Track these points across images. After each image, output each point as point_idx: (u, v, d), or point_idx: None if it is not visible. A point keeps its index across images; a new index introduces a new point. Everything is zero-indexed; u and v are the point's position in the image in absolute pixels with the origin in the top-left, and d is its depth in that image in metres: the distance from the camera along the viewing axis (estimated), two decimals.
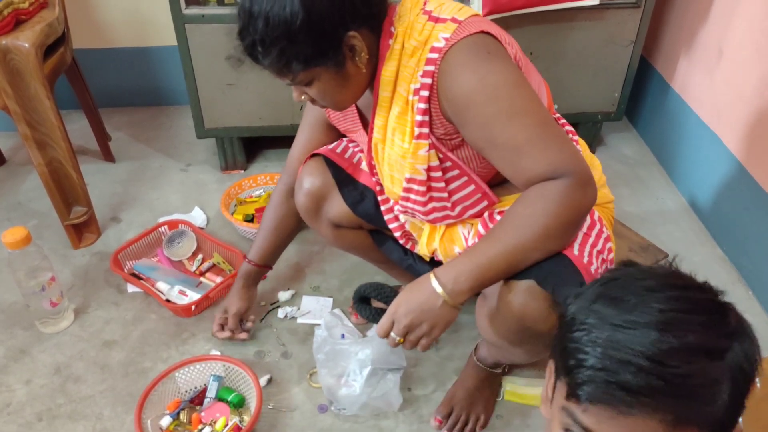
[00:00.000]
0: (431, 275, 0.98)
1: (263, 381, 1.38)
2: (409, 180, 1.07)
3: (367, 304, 1.43)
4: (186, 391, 1.34)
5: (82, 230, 1.77)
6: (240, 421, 1.28)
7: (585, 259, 1.01)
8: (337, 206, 1.29)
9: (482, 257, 0.96)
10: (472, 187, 1.09)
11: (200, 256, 1.72)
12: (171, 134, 2.32)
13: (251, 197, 1.92)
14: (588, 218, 1.06)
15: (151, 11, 2.25)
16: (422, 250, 1.24)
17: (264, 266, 1.46)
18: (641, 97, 2.30)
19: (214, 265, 1.70)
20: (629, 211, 1.91)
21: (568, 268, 0.98)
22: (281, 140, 2.22)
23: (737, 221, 1.71)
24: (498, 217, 1.10)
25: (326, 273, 1.69)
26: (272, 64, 0.97)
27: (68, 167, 1.65)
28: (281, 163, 2.13)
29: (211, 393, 1.31)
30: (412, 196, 1.09)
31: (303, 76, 0.98)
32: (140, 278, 1.63)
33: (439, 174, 1.06)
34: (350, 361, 1.32)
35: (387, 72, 1.01)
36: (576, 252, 1.00)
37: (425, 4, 1.01)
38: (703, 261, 1.74)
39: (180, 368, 1.33)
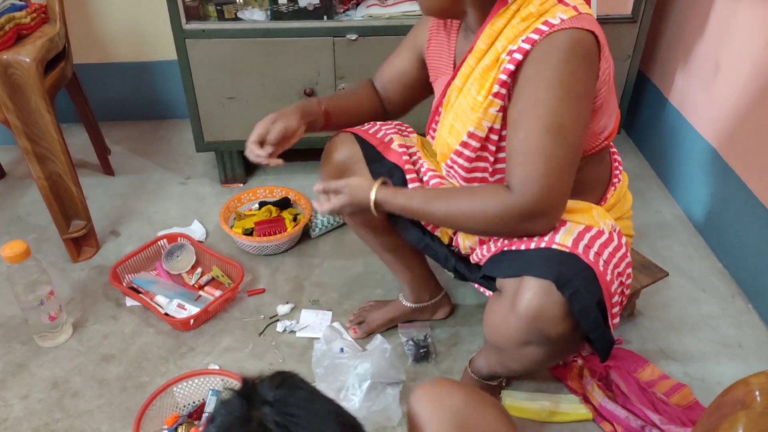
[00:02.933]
0: (374, 188, 1.13)
1: None
2: (471, 135, 1.09)
3: None
4: (184, 406, 1.33)
5: (81, 244, 1.77)
6: None
7: (608, 277, 1.01)
8: (359, 179, 1.25)
9: (413, 206, 1.10)
10: None
11: (199, 270, 1.72)
12: (170, 148, 2.33)
13: (250, 210, 1.92)
14: (616, 240, 1.06)
15: (151, 26, 2.27)
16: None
17: (326, 114, 1.30)
18: (639, 111, 2.31)
19: (213, 279, 1.70)
20: None
21: (589, 281, 0.99)
22: (280, 154, 2.22)
23: (736, 234, 1.71)
24: None
25: (325, 286, 1.69)
26: None
27: (68, 181, 1.65)
28: (280, 177, 2.15)
29: (210, 407, 1.31)
30: (466, 152, 1.12)
31: None
32: (139, 292, 1.62)
33: (495, 137, 1.09)
34: (349, 375, 1.32)
35: (494, 26, 1.04)
36: (602, 268, 1.01)
37: None
38: (702, 274, 1.74)
39: (178, 383, 1.33)
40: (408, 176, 1.24)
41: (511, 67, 1.01)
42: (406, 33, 1.28)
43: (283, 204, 1.91)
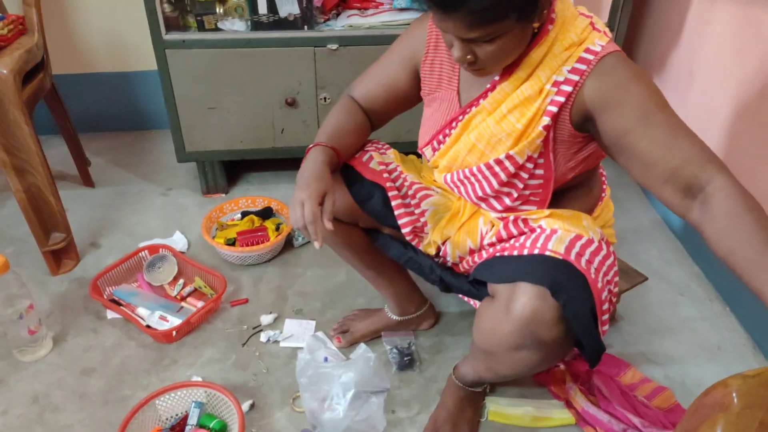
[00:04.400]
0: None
1: (245, 406, 1.37)
2: (509, 157, 1.08)
3: None
4: (167, 419, 1.32)
5: (61, 257, 1.75)
6: None
7: (599, 284, 1.03)
8: (337, 199, 1.22)
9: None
10: (540, 191, 1.13)
11: (181, 281, 1.71)
12: (151, 159, 2.32)
13: (233, 221, 1.92)
14: (605, 248, 1.09)
15: (131, 36, 2.26)
16: (434, 237, 1.25)
17: (339, 156, 1.21)
18: None
19: (195, 290, 1.69)
20: None
21: (582, 289, 1.01)
22: (262, 163, 2.23)
23: None
24: (520, 224, 1.15)
25: (308, 296, 1.69)
26: (483, 11, 0.90)
27: (47, 193, 1.64)
28: (262, 187, 2.15)
29: (193, 420, 1.30)
30: (497, 169, 1.11)
31: (499, 28, 0.93)
32: (120, 304, 1.61)
33: (531, 166, 1.10)
34: (333, 385, 1.32)
35: (536, 54, 1.02)
36: (593, 276, 1.03)
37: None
38: (680, 278, 1.76)
39: (161, 395, 1.31)
40: (390, 193, 1.23)
41: (561, 99, 1.02)
42: (386, 42, 1.26)
43: (266, 214, 1.91)
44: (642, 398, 1.38)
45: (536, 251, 1.05)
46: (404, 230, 1.24)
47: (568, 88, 1.01)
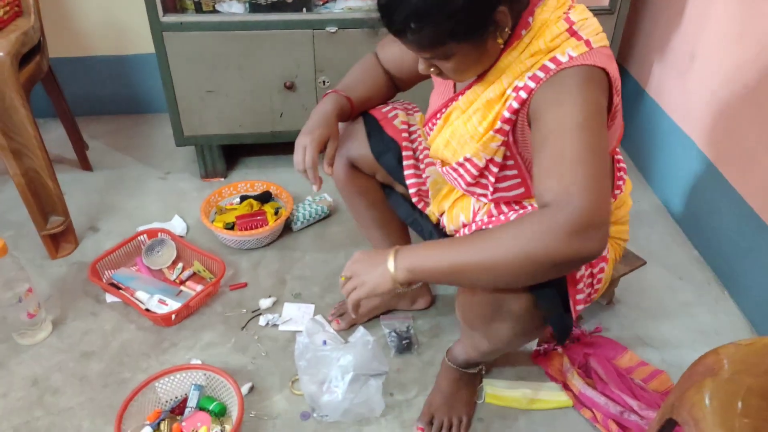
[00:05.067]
0: (392, 253, 0.99)
1: (245, 389, 1.37)
2: (468, 160, 1.10)
3: None
4: (166, 401, 1.33)
5: (60, 240, 1.75)
6: (221, 430, 1.27)
7: None
8: (358, 147, 1.30)
9: (440, 260, 0.95)
10: (522, 189, 1.13)
11: (180, 265, 1.71)
12: (150, 142, 2.31)
13: (231, 205, 1.91)
14: None
15: (128, 19, 2.24)
16: (433, 207, 1.29)
17: (352, 108, 1.27)
18: None
19: (194, 274, 1.69)
20: None
21: None
22: (261, 147, 2.22)
23: (712, 222, 1.74)
24: (513, 204, 1.16)
25: (307, 280, 1.69)
26: (421, 39, 0.93)
27: (45, 177, 1.63)
28: (261, 171, 2.14)
29: (192, 402, 1.31)
30: (461, 171, 1.13)
31: (445, 50, 0.95)
32: (119, 288, 1.61)
33: (496, 170, 1.09)
34: (332, 368, 1.32)
35: (507, 59, 1.00)
36: None
37: (569, 10, 0.99)
38: (679, 262, 1.77)
39: (160, 378, 1.32)
40: (404, 153, 1.27)
41: (516, 105, 1.00)
42: None
43: (265, 198, 1.91)
44: (639, 381, 1.39)
45: None
46: (411, 190, 1.27)
47: (524, 95, 0.98)
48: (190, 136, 1.98)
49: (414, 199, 1.30)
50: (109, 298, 1.61)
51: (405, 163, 1.27)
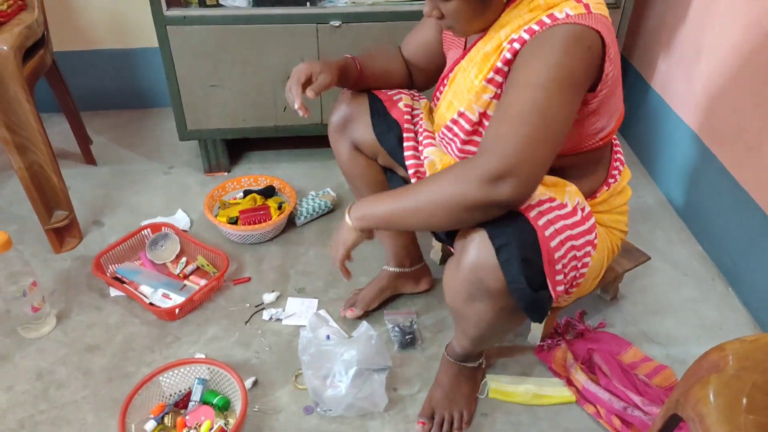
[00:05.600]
0: (347, 209, 1.13)
1: (248, 383, 1.38)
2: (461, 114, 1.12)
3: None
4: (170, 395, 1.33)
5: (64, 234, 1.76)
6: (225, 424, 1.28)
7: (553, 243, 1.01)
8: (362, 129, 1.34)
9: (381, 207, 1.07)
10: None
11: (184, 259, 1.71)
12: (153, 137, 2.31)
13: (235, 199, 1.91)
14: (579, 215, 1.07)
15: (132, 13, 2.24)
16: None
17: (360, 75, 1.32)
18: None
19: (198, 268, 1.69)
20: None
21: (524, 238, 1.00)
22: (265, 142, 2.22)
23: (716, 218, 1.73)
24: None
25: (311, 274, 1.69)
26: None
27: (49, 171, 1.64)
28: (265, 165, 2.14)
29: (196, 396, 1.31)
30: (456, 129, 1.14)
31: None
32: (123, 282, 1.62)
33: (488, 123, 1.10)
34: (335, 362, 1.33)
35: (508, 16, 1.05)
36: (547, 234, 1.01)
37: None
38: (683, 258, 1.76)
39: (164, 372, 1.32)
40: (405, 134, 1.29)
41: (509, 55, 1.02)
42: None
43: (268, 192, 1.91)
44: (643, 377, 1.39)
45: None
46: (410, 171, 1.28)
47: (517, 46, 1.02)
48: (194, 130, 1.98)
49: (413, 180, 1.30)
50: (113, 292, 1.61)
51: (405, 144, 1.29)
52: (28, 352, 1.46)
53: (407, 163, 1.28)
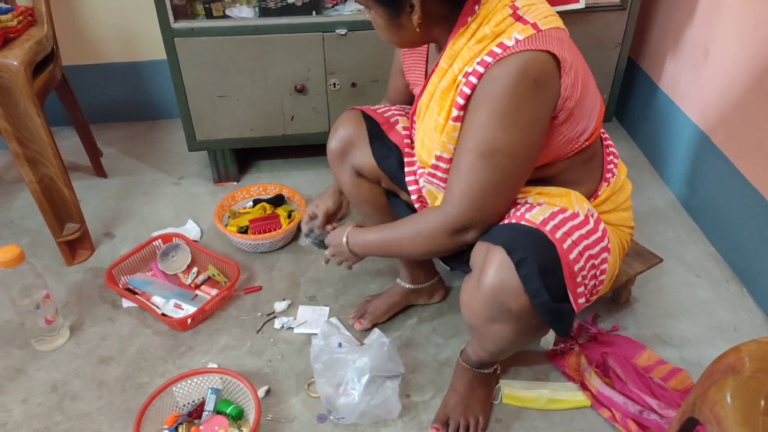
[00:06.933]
0: (346, 234, 1.26)
1: (261, 392, 1.38)
2: (438, 157, 1.11)
3: None
4: (184, 405, 1.33)
5: (76, 247, 1.77)
6: None
7: (572, 255, 1.02)
8: (363, 155, 1.33)
9: (371, 239, 1.22)
10: None
11: (195, 269, 1.72)
12: (163, 148, 2.33)
13: (244, 208, 1.92)
14: (591, 223, 1.08)
15: (139, 26, 2.26)
16: None
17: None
18: (630, 98, 2.32)
19: (209, 278, 1.70)
20: None
21: (542, 252, 1.01)
22: (273, 151, 2.23)
23: (728, 218, 1.72)
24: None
25: (321, 282, 1.70)
26: None
27: (60, 184, 1.65)
28: (273, 174, 2.15)
29: (209, 406, 1.31)
30: (439, 173, 1.14)
31: (367, 1, 1.06)
32: (135, 293, 1.62)
33: None
34: (348, 370, 1.32)
35: (455, 46, 1.04)
36: (566, 246, 1.02)
37: None
38: (695, 259, 1.75)
39: (177, 382, 1.33)
40: (406, 159, 1.28)
41: (467, 90, 1.02)
42: None
43: (278, 201, 1.91)
44: (658, 380, 1.37)
45: (514, 220, 1.07)
46: (413, 197, 1.27)
47: (474, 80, 1.00)
48: (203, 140, 1.99)
49: (416, 205, 1.29)
50: (126, 303, 1.62)
51: (407, 169, 1.27)
52: (42, 365, 1.47)
53: (410, 188, 1.26)
